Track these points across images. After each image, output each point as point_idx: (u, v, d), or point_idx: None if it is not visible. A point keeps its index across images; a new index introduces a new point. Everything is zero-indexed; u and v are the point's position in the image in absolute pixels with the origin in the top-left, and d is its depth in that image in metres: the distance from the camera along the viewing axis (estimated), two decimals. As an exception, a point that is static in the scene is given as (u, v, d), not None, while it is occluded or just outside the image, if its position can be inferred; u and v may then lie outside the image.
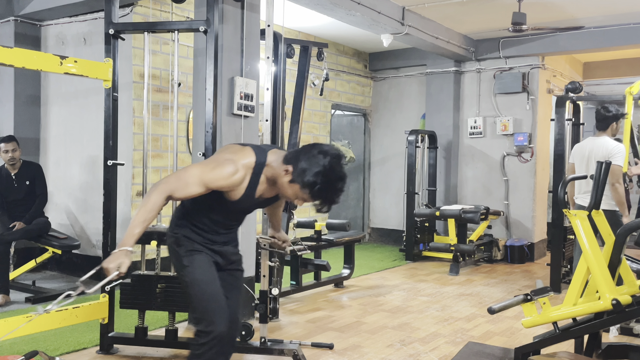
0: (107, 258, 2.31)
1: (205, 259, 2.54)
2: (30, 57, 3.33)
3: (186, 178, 2.34)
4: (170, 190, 2.34)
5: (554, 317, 3.39)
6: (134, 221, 2.30)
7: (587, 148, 5.08)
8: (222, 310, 2.48)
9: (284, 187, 2.42)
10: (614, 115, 5.01)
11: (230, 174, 2.35)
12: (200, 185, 2.34)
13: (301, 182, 2.33)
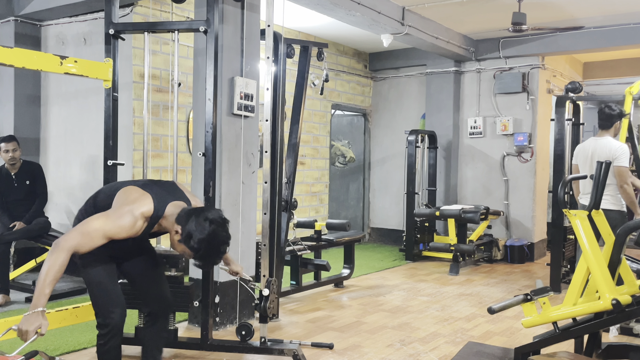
0: (22, 321, 2.40)
1: (99, 258, 2.75)
2: (30, 57, 3.33)
3: (90, 233, 2.53)
4: (75, 247, 2.52)
5: (554, 317, 3.39)
6: (44, 282, 2.41)
7: (589, 148, 5.07)
8: (117, 302, 2.74)
9: (174, 242, 2.69)
10: (619, 114, 5.00)
11: (130, 226, 2.58)
12: (103, 238, 2.56)
13: (187, 245, 2.59)
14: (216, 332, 4.30)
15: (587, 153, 5.07)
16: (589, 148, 5.09)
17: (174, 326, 3.76)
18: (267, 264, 3.82)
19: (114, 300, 2.77)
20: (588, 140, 5.31)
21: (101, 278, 2.76)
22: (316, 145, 8.42)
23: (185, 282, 3.74)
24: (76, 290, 5.46)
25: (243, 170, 4.54)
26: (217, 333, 4.28)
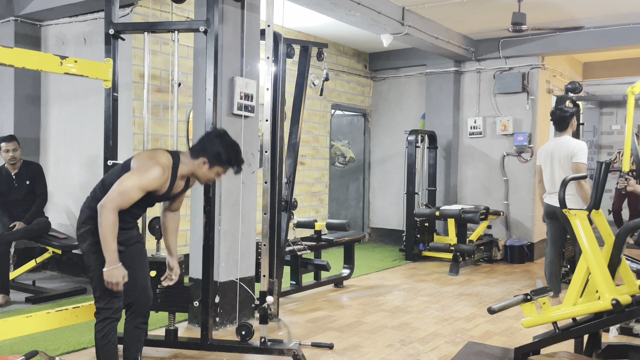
0: (107, 276, 2.78)
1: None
2: (30, 57, 3.33)
3: (127, 191, 2.77)
4: (118, 205, 2.76)
5: (554, 317, 3.39)
6: (107, 241, 2.74)
7: (549, 149, 5.08)
8: (118, 293, 2.92)
9: (205, 174, 2.99)
10: (571, 114, 5.01)
11: (160, 174, 2.82)
12: (140, 192, 2.79)
13: (221, 163, 2.96)
14: (216, 332, 4.30)
15: (548, 154, 5.07)
16: (549, 148, 5.10)
17: (174, 326, 3.76)
18: (267, 264, 3.82)
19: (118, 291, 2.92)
20: (549, 141, 5.31)
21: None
22: (316, 145, 8.42)
23: (185, 282, 3.74)
24: (76, 290, 5.47)
25: (243, 170, 4.53)
26: (217, 333, 4.28)
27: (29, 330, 3.39)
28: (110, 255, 2.75)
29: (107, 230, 2.74)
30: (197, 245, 4.30)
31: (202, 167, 2.97)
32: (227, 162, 2.97)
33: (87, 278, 3.64)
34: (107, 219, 2.73)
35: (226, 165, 2.98)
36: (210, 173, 2.99)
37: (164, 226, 3.36)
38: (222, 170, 3.00)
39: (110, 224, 2.73)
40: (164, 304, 3.68)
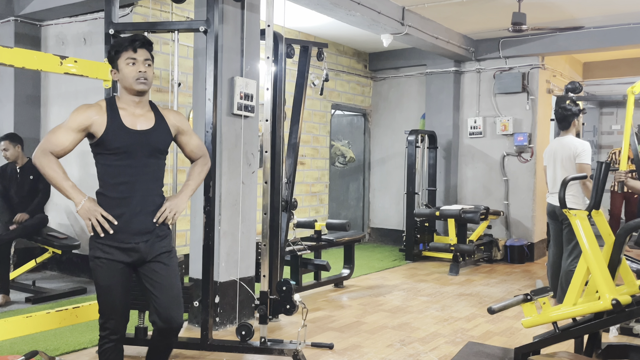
0: (83, 216, 2.54)
1: (105, 267, 2.59)
2: (30, 57, 3.33)
3: (52, 132, 2.59)
4: (45, 148, 2.53)
5: (554, 317, 3.39)
6: (56, 183, 2.51)
7: (553, 149, 5.08)
8: (115, 310, 2.65)
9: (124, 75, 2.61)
10: (574, 113, 5.01)
11: (81, 108, 2.66)
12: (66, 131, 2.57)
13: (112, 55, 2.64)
14: (216, 332, 4.30)
15: (552, 154, 5.07)
16: (552, 149, 5.09)
17: (174, 326, 3.76)
18: (267, 264, 3.83)
19: (112, 307, 2.64)
20: (553, 141, 5.31)
21: (106, 282, 2.60)
22: (316, 145, 8.42)
23: (185, 283, 3.74)
24: (76, 290, 5.47)
25: (243, 170, 4.54)
26: (217, 333, 4.28)
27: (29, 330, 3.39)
28: (73, 195, 2.48)
29: (46, 173, 2.48)
30: (197, 245, 4.30)
31: (117, 75, 2.63)
32: (117, 51, 2.60)
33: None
34: (39, 164, 2.48)
35: (120, 52, 2.60)
36: (125, 70, 2.58)
37: None
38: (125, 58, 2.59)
39: (44, 165, 2.48)
40: (164, 304, 3.67)
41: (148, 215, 2.62)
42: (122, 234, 2.56)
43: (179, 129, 2.79)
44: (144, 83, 2.60)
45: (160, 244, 2.66)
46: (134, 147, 2.56)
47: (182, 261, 3.76)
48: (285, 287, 3.88)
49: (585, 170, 4.74)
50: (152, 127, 2.64)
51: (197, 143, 2.88)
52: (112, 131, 2.54)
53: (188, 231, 5.23)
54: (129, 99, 2.63)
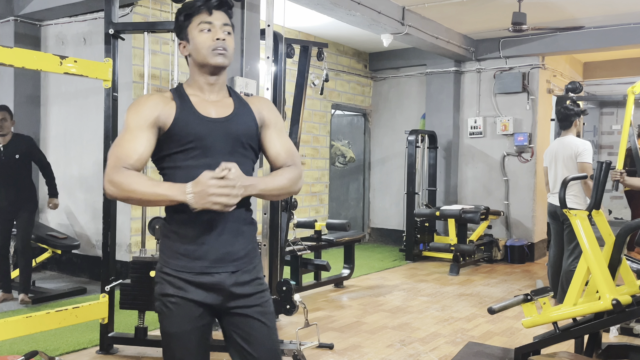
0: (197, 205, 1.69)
1: (176, 309, 1.84)
2: (30, 57, 3.33)
3: (117, 140, 1.85)
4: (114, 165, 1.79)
5: (554, 317, 3.39)
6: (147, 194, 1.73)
7: (554, 149, 5.08)
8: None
9: (196, 47, 1.88)
10: (576, 112, 5.01)
11: (143, 97, 1.90)
12: (132, 132, 1.81)
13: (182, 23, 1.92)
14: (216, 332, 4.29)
15: (552, 154, 5.07)
16: (553, 149, 5.10)
17: (174, 326, 3.75)
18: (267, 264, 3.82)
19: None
20: (554, 141, 5.31)
21: (175, 329, 1.85)
22: (316, 145, 8.42)
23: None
24: (76, 290, 5.47)
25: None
26: (217, 333, 4.27)
27: (29, 330, 3.39)
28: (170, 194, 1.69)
29: (132, 192, 1.72)
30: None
31: (186, 48, 1.92)
32: (187, 15, 1.90)
33: None
34: (118, 189, 1.74)
35: (191, 16, 1.89)
36: (198, 39, 1.87)
37: None
38: (198, 23, 1.88)
39: (124, 185, 1.72)
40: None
41: (233, 236, 1.86)
42: (197, 261, 1.82)
43: (265, 118, 1.97)
44: (223, 54, 1.87)
45: (250, 275, 1.90)
46: (210, 139, 1.84)
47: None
48: (286, 287, 3.89)
49: (586, 169, 4.74)
50: (231, 113, 1.91)
51: (288, 146, 1.99)
52: (183, 120, 1.83)
53: (188, 231, 5.22)
54: (202, 80, 1.91)
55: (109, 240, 3.81)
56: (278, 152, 1.96)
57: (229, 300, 1.85)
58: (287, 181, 1.89)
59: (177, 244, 1.84)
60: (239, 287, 1.85)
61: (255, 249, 1.94)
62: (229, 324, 1.90)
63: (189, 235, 1.82)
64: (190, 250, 1.82)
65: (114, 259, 3.89)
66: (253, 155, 1.95)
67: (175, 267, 1.83)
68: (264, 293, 1.92)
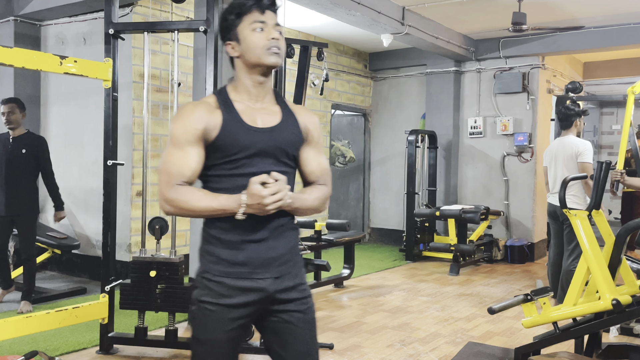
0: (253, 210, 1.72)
1: (212, 316, 1.79)
2: (30, 57, 3.33)
3: (164, 158, 1.81)
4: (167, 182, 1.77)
5: (554, 317, 3.39)
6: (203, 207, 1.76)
7: (554, 149, 5.08)
8: None
9: (248, 47, 1.81)
10: (577, 113, 5.01)
11: (186, 110, 1.82)
12: (179, 146, 1.78)
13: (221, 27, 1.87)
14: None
15: (552, 154, 5.07)
16: (553, 149, 5.10)
17: (174, 326, 3.76)
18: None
19: None
20: (554, 141, 5.31)
21: (207, 336, 1.80)
22: (316, 145, 8.41)
23: (185, 283, 3.74)
24: (76, 290, 5.47)
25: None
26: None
27: (29, 330, 3.40)
28: (227, 206, 1.71)
29: (191, 208, 1.74)
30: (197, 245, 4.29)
31: (236, 48, 1.84)
32: (238, 13, 1.82)
33: None
34: (175, 206, 1.75)
35: (242, 15, 1.82)
36: (251, 38, 1.80)
37: None
38: (250, 22, 1.81)
39: (181, 202, 1.73)
40: (164, 304, 3.68)
41: (276, 242, 1.82)
42: (240, 266, 1.78)
43: (309, 134, 1.93)
44: (278, 54, 1.82)
45: (294, 281, 1.86)
46: (256, 150, 1.80)
47: (183, 261, 3.76)
48: None
49: (587, 169, 4.74)
50: (278, 123, 1.85)
51: (324, 165, 1.96)
52: (229, 131, 1.78)
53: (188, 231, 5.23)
54: (250, 83, 1.85)
55: (109, 240, 3.81)
56: (313, 170, 1.94)
57: (271, 305, 1.82)
58: (318, 202, 1.90)
59: (218, 249, 1.81)
60: (282, 293, 1.82)
61: (298, 254, 1.91)
62: (268, 329, 1.87)
63: (231, 241, 1.79)
64: (232, 256, 1.79)
65: (114, 259, 3.89)
66: (294, 167, 1.92)
67: (216, 272, 1.80)
68: (307, 300, 1.88)
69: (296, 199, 1.80)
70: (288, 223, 1.86)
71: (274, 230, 1.81)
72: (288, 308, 1.84)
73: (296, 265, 1.88)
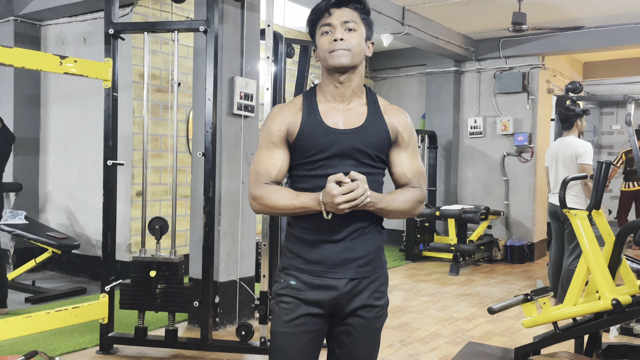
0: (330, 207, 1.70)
1: (289, 311, 1.82)
2: (30, 57, 3.33)
3: (254, 159, 1.89)
4: (256, 181, 1.84)
5: (554, 317, 3.38)
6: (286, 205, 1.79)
7: (555, 149, 5.08)
8: None
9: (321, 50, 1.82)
10: (577, 114, 5.01)
11: (273, 113, 1.90)
12: (266, 147, 1.86)
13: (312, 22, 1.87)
14: (216, 332, 4.29)
15: (553, 154, 5.07)
16: (554, 149, 5.10)
17: (174, 326, 3.76)
18: (267, 264, 3.82)
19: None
20: (555, 141, 5.31)
21: (287, 329, 1.83)
22: (316, 145, 8.41)
23: (185, 283, 3.74)
24: (76, 290, 5.47)
25: (243, 170, 4.53)
26: (217, 333, 4.27)
27: (29, 331, 3.39)
28: (308, 204, 1.73)
29: (276, 206, 1.78)
30: (197, 245, 4.30)
31: (316, 52, 1.87)
32: (312, 22, 1.86)
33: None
34: (262, 204, 1.80)
35: (316, 23, 1.84)
36: (319, 43, 1.83)
37: None
38: (320, 26, 1.83)
39: (267, 200, 1.79)
40: (164, 304, 3.68)
41: (354, 243, 1.80)
42: (315, 264, 1.80)
43: (399, 135, 1.87)
44: (342, 55, 1.77)
45: (370, 285, 1.84)
46: (335, 151, 1.79)
47: (182, 261, 3.76)
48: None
49: (587, 171, 4.74)
50: (361, 125, 1.82)
51: (416, 167, 1.90)
52: (307, 131, 1.81)
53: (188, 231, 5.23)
54: (330, 84, 1.86)
55: (109, 240, 3.81)
56: (404, 172, 1.88)
57: (342, 308, 1.83)
58: (408, 205, 1.83)
59: (296, 247, 1.84)
60: (355, 297, 1.82)
61: (380, 258, 1.87)
62: (334, 337, 1.91)
63: (310, 240, 1.81)
64: (308, 253, 1.81)
65: (114, 259, 3.89)
66: (382, 167, 1.88)
67: (292, 268, 1.84)
68: (379, 308, 1.90)
69: (381, 199, 1.75)
70: (371, 226, 1.83)
71: (353, 231, 1.80)
72: (357, 318, 1.87)
73: (376, 270, 1.85)
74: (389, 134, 1.85)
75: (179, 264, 3.69)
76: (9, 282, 5.05)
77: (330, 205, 1.68)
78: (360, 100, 1.87)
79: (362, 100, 1.88)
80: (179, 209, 5.81)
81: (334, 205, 1.66)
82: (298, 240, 1.84)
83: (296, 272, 1.82)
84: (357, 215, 1.76)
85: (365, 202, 1.68)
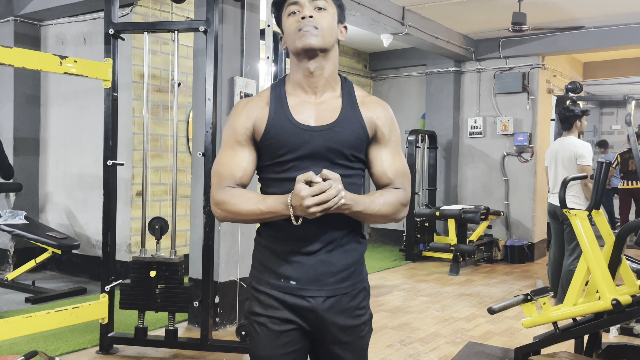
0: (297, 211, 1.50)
1: (265, 331, 1.63)
2: (30, 57, 3.33)
3: (218, 156, 1.69)
4: (217, 183, 1.64)
5: (554, 317, 3.38)
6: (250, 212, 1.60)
7: (554, 149, 5.08)
8: None
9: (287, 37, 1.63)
10: (577, 114, 5.01)
11: (238, 108, 1.68)
12: (230, 146, 1.64)
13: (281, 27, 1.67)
14: (216, 332, 4.30)
15: (553, 154, 5.08)
16: (554, 149, 5.10)
17: (174, 326, 3.76)
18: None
19: None
20: (554, 141, 5.32)
21: (264, 352, 1.64)
22: (316, 145, 8.41)
23: (185, 283, 3.74)
24: (76, 290, 5.47)
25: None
26: (217, 333, 4.27)
27: (29, 331, 3.40)
28: (275, 209, 1.53)
29: (239, 211, 1.58)
30: (197, 245, 4.30)
31: (283, 39, 1.67)
32: (277, 4, 1.67)
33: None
34: (223, 209, 1.60)
35: (281, 5, 1.65)
36: (285, 27, 1.63)
37: None
38: (285, 8, 1.63)
39: (229, 205, 1.58)
40: (164, 304, 3.68)
41: (331, 255, 1.60)
42: (288, 280, 1.61)
43: (377, 129, 1.66)
44: (312, 34, 1.56)
45: (350, 302, 1.64)
46: (306, 151, 1.59)
47: (182, 261, 3.76)
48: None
49: (586, 172, 4.74)
50: (334, 120, 1.61)
51: (398, 166, 1.68)
52: (275, 129, 1.60)
53: (188, 231, 5.23)
54: (299, 74, 1.63)
55: (109, 240, 3.81)
56: (384, 171, 1.66)
57: (320, 328, 1.62)
58: (390, 208, 1.61)
59: (266, 259, 1.64)
60: (335, 316, 1.61)
61: (361, 272, 1.67)
62: (316, 357, 1.71)
63: (281, 251, 1.61)
64: (279, 267, 1.61)
65: (114, 259, 3.89)
66: (360, 167, 1.67)
67: (264, 284, 1.63)
68: (362, 327, 1.67)
69: (358, 202, 1.53)
70: (349, 235, 1.63)
71: (329, 242, 1.59)
72: (339, 337, 1.63)
73: (356, 285, 1.65)
74: (366, 129, 1.63)
75: (179, 264, 3.69)
76: (8, 282, 5.08)
77: (299, 209, 1.46)
78: (334, 92, 1.66)
79: (336, 92, 1.66)
80: (179, 209, 5.81)
81: (303, 208, 1.44)
82: (267, 250, 1.64)
83: (267, 287, 1.62)
84: (332, 221, 1.56)
85: (339, 204, 1.46)
